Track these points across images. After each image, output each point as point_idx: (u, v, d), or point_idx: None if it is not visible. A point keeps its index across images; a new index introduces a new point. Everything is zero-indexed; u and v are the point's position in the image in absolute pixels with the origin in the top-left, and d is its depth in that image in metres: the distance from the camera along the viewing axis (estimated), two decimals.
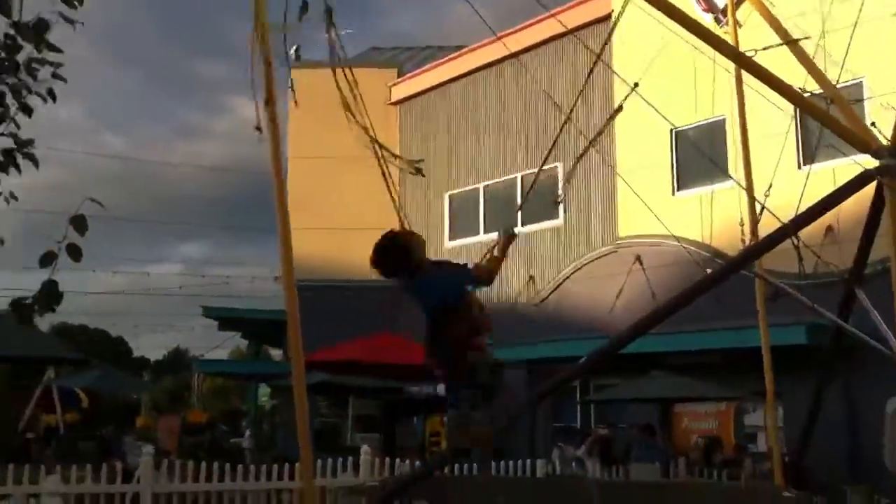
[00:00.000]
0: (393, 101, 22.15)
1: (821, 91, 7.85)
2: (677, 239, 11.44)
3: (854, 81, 11.82)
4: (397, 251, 4.94)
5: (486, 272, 4.87)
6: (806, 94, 6.88)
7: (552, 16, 17.55)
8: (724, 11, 14.05)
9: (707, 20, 14.25)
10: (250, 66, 5.33)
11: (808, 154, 13.10)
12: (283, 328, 19.20)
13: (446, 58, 21.26)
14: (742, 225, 11.65)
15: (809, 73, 8.16)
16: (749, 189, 10.75)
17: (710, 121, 14.68)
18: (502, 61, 19.24)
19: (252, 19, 5.52)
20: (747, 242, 10.53)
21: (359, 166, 21.16)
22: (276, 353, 29.91)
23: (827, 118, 6.15)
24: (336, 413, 20.11)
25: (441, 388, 17.20)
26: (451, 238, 20.23)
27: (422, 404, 17.49)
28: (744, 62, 6.28)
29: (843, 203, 5.90)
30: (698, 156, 14.70)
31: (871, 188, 6.22)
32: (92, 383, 27.14)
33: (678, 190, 15.53)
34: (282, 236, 5.54)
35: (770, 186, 10.19)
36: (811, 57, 8.90)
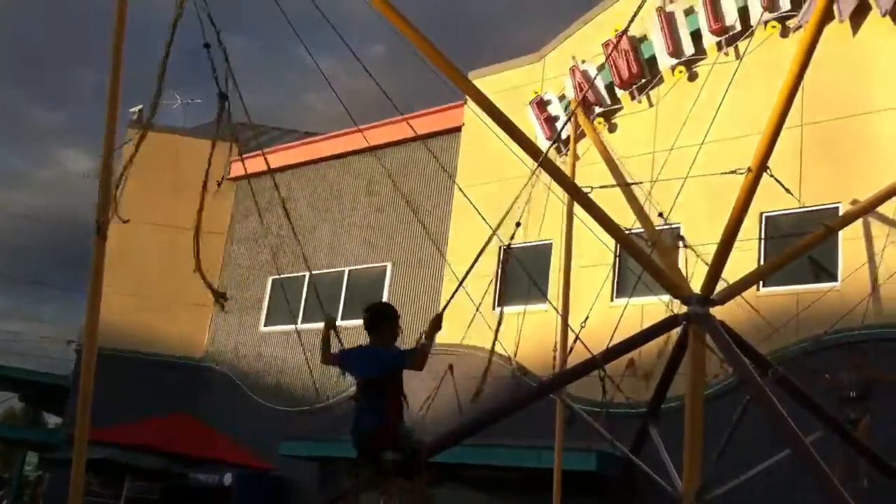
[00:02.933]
0: (231, 176, 21.63)
1: (642, 232, 8.20)
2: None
3: (671, 226, 12.48)
4: (391, 318, 5.47)
5: (419, 360, 5.22)
6: (629, 233, 7.16)
7: (404, 119, 17.91)
8: (565, 142, 14.74)
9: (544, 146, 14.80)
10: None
11: (623, 289, 13.65)
12: (66, 394, 17.83)
13: (296, 142, 21.13)
14: (555, 350, 11.89)
15: (636, 215, 8.53)
16: (564, 316, 11.03)
17: (537, 243, 15.09)
18: (345, 156, 19.35)
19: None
20: (557, 366, 10.75)
21: (185, 238, 20.40)
22: (53, 420, 27.80)
23: (646, 260, 6.38)
24: (111, 493, 18.64)
25: (227, 478, 16.30)
26: (267, 323, 19.64)
27: (208, 493, 16.50)
28: (579, 197, 6.46)
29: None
30: (523, 274, 15.03)
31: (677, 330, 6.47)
32: None
33: (498, 304, 15.75)
34: (91, 299, 5.21)
35: (586, 318, 10.52)
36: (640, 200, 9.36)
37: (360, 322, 17.59)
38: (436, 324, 5.35)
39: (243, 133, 23.27)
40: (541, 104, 15.69)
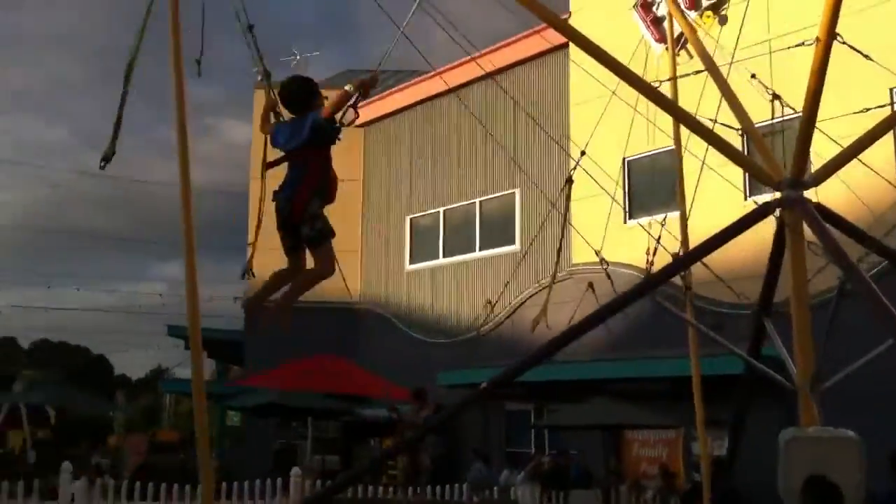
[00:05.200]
0: (358, 123, 22.24)
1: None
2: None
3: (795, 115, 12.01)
4: (309, 88, 5.15)
5: (330, 106, 4.95)
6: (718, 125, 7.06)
7: (510, 43, 17.83)
8: (677, 41, 14.32)
9: (657, 51, 14.44)
10: None
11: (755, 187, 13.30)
12: (241, 348, 19.14)
13: (411, 81, 21.43)
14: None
15: (729, 103, 8.33)
16: (683, 220, 10.91)
17: (660, 150, 14.86)
18: (466, 86, 19.45)
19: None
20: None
21: None
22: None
23: (731, 151, 6.30)
24: (299, 435, 20.10)
25: (394, 412, 17.19)
26: (412, 262, 20.32)
27: (381, 426, 17.47)
28: (655, 98, 6.42)
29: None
30: (648, 185, 14.90)
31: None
32: (55, 400, 26.90)
33: (630, 218, 15.68)
34: (187, 254, 5.63)
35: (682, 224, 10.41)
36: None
37: (493, 253, 17.91)
38: (371, 81, 5.04)
39: (352, 77, 23.97)
40: (646, 6, 15.31)
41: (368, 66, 24.83)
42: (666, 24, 13.34)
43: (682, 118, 6.78)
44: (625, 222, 15.61)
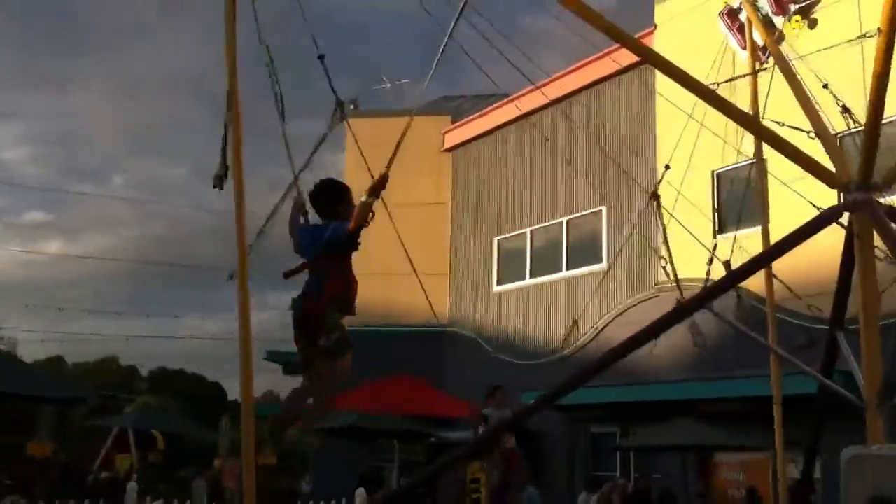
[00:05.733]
0: (446, 147, 22.35)
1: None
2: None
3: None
4: (335, 192, 5.07)
5: (356, 218, 4.76)
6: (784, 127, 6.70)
7: (596, 59, 17.52)
8: (763, 49, 13.83)
9: (743, 58, 13.95)
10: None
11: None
12: None
13: (496, 104, 21.39)
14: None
15: (803, 107, 7.93)
16: (765, 233, 10.43)
17: (746, 162, 14.33)
18: (549, 106, 19.26)
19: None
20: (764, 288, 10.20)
21: (406, 212, 21.41)
22: None
23: (795, 153, 5.96)
24: (386, 458, 20.11)
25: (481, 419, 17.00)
26: (499, 283, 20.16)
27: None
28: (726, 111, 6.12)
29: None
30: (738, 198, 14.35)
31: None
32: (162, 425, 27.71)
33: (719, 232, 15.15)
34: (240, 288, 5.68)
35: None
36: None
37: (580, 273, 17.57)
38: (379, 182, 4.78)
39: (450, 104, 24.03)
40: (731, 14, 14.85)
41: (462, 91, 24.73)
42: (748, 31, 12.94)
43: (745, 122, 6.50)
44: (714, 237, 15.09)
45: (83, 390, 23.68)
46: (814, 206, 8.13)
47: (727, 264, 8.13)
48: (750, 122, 7.07)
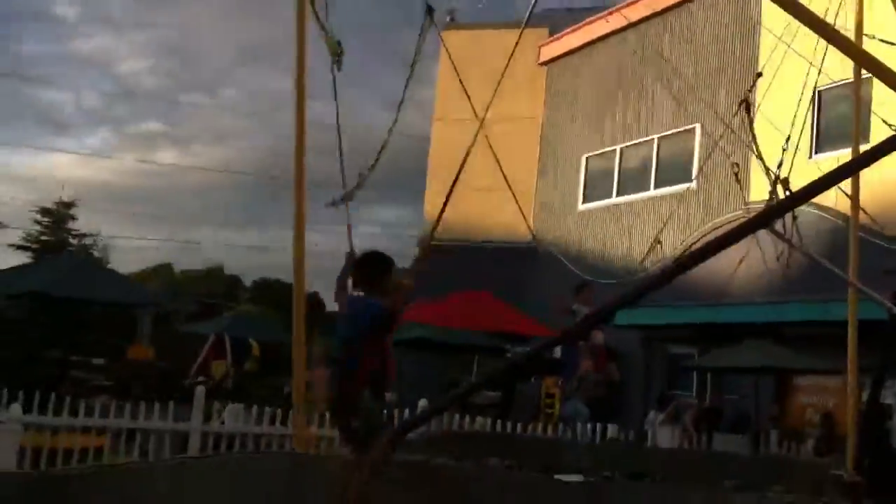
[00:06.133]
0: (542, 60, 21.91)
1: None
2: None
3: None
4: (376, 267, 5.10)
5: (393, 302, 4.85)
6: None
7: None
8: None
9: None
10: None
11: None
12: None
13: (595, 17, 20.75)
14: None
15: None
16: (855, 151, 9.87)
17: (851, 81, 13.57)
18: (647, 20, 18.60)
19: None
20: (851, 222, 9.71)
21: (501, 127, 21.17)
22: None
23: (876, 66, 5.59)
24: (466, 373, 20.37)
25: (558, 351, 17.00)
26: (585, 201, 19.87)
27: (545, 363, 17.36)
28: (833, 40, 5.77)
29: None
30: (840, 118, 13.65)
31: None
32: (257, 334, 28.66)
33: (816, 153, 14.50)
34: (296, 202, 5.76)
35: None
36: None
37: (668, 191, 17.12)
38: (408, 290, 4.90)
39: (550, 19, 23.45)
40: None
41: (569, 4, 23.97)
42: None
43: (844, 47, 6.09)
44: (810, 157, 14.45)
45: (177, 300, 24.55)
46: None
47: (785, 181, 7.72)
48: (849, 47, 6.62)
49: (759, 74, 10.39)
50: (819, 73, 10.13)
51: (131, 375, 22.11)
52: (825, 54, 9.54)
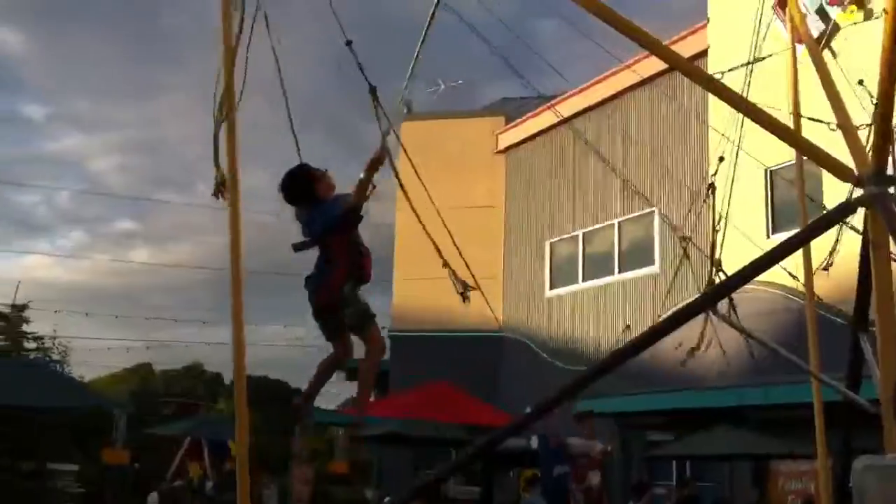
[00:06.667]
0: (499, 149, 22.15)
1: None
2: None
3: None
4: (302, 180, 4.92)
5: (355, 195, 4.77)
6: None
7: (643, 58, 17.14)
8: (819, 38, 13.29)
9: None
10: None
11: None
12: (386, 377, 18.93)
13: (548, 104, 21.06)
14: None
15: (828, 97, 7.50)
16: (804, 235, 9.91)
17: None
18: (600, 105, 18.92)
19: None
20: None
21: (463, 214, 21.21)
22: None
23: (808, 147, 5.61)
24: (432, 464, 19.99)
25: (534, 441, 16.69)
26: (552, 287, 19.85)
27: (521, 456, 17.06)
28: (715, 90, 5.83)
29: None
30: (795, 197, 13.80)
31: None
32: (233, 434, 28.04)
33: (773, 233, 14.61)
34: (233, 298, 5.58)
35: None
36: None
37: (632, 275, 16.96)
38: (378, 160, 4.70)
39: (508, 105, 23.77)
40: (782, 3, 14.26)
41: (523, 94, 24.45)
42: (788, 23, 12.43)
43: (748, 112, 6.16)
44: (768, 237, 14.56)
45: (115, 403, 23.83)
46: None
47: (718, 263, 7.68)
48: (786, 132, 6.67)
49: (721, 159, 10.39)
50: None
51: (105, 480, 21.52)
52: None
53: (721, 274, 9.41)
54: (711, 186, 10.68)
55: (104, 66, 79.01)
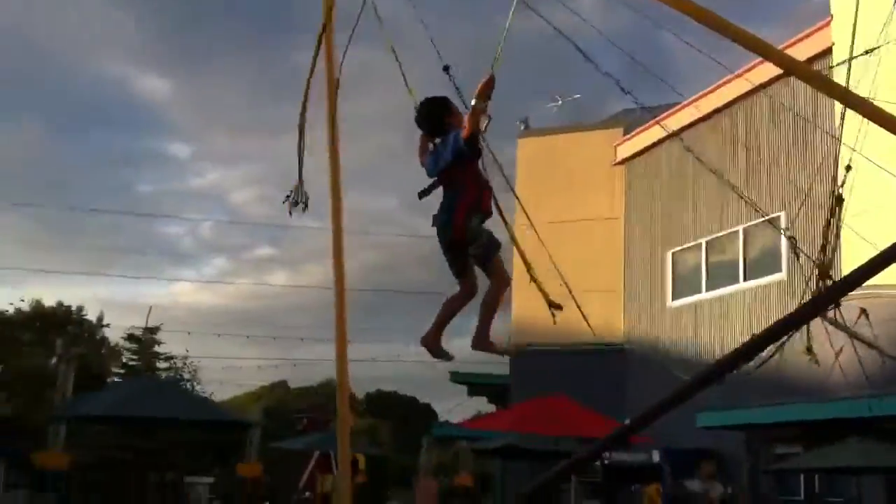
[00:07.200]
0: (618, 160, 21.88)
1: None
2: None
3: None
4: (439, 107, 5.06)
5: (467, 125, 4.76)
6: None
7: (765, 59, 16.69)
8: None
9: None
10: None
11: None
12: (508, 391, 19.16)
13: (669, 111, 20.68)
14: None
15: None
16: None
17: None
18: (720, 111, 18.44)
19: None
20: None
21: (581, 229, 21.06)
22: None
23: None
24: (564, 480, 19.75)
25: (656, 455, 16.30)
26: (675, 298, 19.39)
27: (643, 470, 16.75)
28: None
29: None
30: None
31: None
32: (363, 448, 28.74)
33: None
34: (337, 305, 5.69)
35: None
36: None
37: (759, 283, 16.46)
38: (487, 83, 4.61)
39: (624, 119, 23.49)
40: None
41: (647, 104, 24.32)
42: None
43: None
44: None
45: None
46: None
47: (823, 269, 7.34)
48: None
49: (849, 167, 10.00)
50: None
51: (238, 492, 22.43)
52: None
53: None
54: (839, 199, 10.27)
55: (240, 105, 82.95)
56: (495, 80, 4.69)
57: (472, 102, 4.68)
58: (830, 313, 6.48)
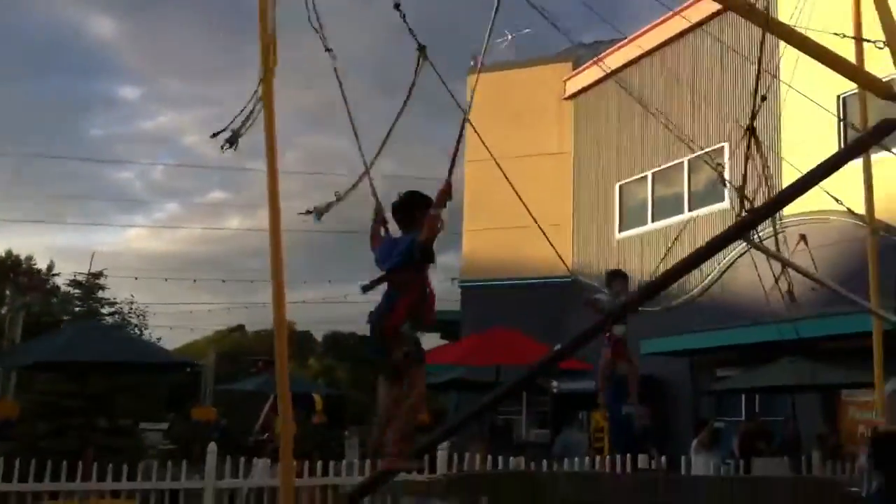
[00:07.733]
0: (567, 95, 21.93)
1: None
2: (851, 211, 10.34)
3: None
4: (416, 202, 4.96)
5: (425, 231, 4.76)
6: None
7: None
8: None
9: None
10: None
11: None
12: (455, 328, 19.16)
13: (615, 46, 20.73)
14: None
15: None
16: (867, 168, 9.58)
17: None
18: (666, 45, 18.55)
19: None
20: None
21: (533, 163, 21.11)
22: None
23: (836, 60, 5.53)
24: (515, 409, 20.19)
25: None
26: (622, 229, 19.68)
27: (588, 399, 17.13)
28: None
29: None
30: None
31: None
32: (318, 388, 29.02)
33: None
34: (272, 230, 5.70)
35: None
36: None
37: (705, 212, 16.78)
38: (444, 191, 4.69)
39: (573, 54, 23.48)
40: None
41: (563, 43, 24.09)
42: None
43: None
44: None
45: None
46: None
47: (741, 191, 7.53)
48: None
49: (763, 98, 10.16)
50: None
51: (193, 436, 22.48)
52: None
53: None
54: (750, 130, 10.46)
55: (194, 47, 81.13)
56: (452, 188, 4.78)
57: (430, 211, 4.71)
58: (757, 239, 6.69)
